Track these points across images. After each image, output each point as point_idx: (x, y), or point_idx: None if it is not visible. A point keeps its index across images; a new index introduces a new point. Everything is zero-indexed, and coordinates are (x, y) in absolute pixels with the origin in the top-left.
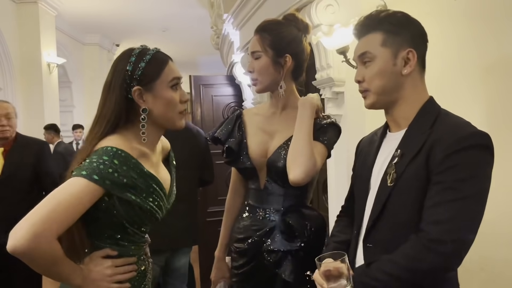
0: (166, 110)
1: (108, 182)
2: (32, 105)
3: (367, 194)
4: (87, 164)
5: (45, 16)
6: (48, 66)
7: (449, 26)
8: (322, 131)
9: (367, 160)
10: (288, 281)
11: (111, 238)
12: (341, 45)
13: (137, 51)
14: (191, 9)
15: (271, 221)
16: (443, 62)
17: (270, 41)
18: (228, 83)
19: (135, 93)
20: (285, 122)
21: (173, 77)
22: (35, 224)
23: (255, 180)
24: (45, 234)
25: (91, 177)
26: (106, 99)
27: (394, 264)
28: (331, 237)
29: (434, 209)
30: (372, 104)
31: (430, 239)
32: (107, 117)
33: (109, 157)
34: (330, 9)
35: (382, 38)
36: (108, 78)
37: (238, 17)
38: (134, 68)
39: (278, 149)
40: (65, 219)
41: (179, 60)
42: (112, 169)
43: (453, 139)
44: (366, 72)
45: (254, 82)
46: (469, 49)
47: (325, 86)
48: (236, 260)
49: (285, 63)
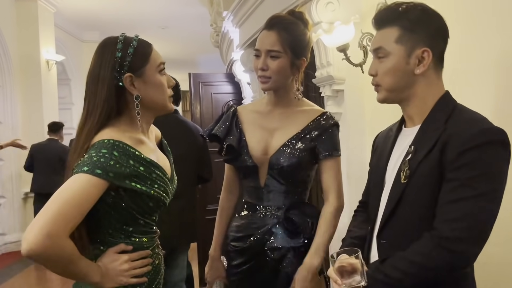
0: (157, 94)
1: (111, 174)
2: (31, 102)
3: (381, 190)
4: (87, 160)
5: (44, 13)
6: (47, 63)
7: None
8: (331, 139)
9: (382, 156)
10: (289, 277)
11: (124, 233)
12: (341, 43)
13: (122, 39)
14: (190, 6)
15: (273, 218)
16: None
17: (290, 42)
18: (227, 81)
19: (126, 80)
20: (285, 120)
21: (160, 62)
22: (46, 225)
23: (255, 178)
24: (57, 233)
25: (94, 171)
26: (97, 91)
27: (407, 261)
28: (348, 232)
29: (448, 206)
30: (383, 100)
31: (444, 237)
32: (99, 108)
33: (108, 150)
34: (330, 7)
35: (397, 34)
36: (94, 69)
37: (237, 14)
38: (123, 55)
39: (282, 147)
40: (74, 216)
41: (178, 58)
42: (113, 161)
43: (467, 135)
44: (379, 66)
45: (266, 80)
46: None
47: (325, 84)
48: (234, 259)
49: (301, 66)
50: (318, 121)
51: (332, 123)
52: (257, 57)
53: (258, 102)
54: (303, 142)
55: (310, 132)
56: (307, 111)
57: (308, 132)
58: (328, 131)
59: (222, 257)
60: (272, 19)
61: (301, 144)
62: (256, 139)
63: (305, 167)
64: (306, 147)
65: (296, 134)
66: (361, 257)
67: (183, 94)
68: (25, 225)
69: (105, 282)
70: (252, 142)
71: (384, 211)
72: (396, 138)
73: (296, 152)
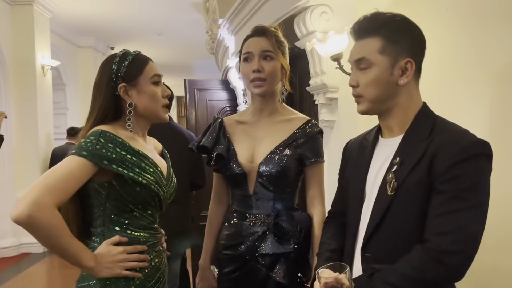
0: (150, 103)
1: (96, 156)
2: (26, 107)
3: (361, 202)
4: (77, 146)
5: (39, 18)
6: (42, 68)
7: (446, 30)
8: (316, 146)
9: (359, 167)
10: (280, 283)
11: (119, 225)
12: (335, 52)
13: (120, 54)
14: (186, 13)
15: (263, 225)
16: (442, 67)
17: (279, 46)
18: (222, 87)
19: (121, 90)
20: (271, 128)
21: (154, 74)
22: (33, 194)
23: (244, 186)
24: (44, 202)
25: (80, 153)
26: (96, 98)
27: (401, 276)
28: (322, 244)
29: (440, 219)
30: (365, 111)
31: (439, 250)
32: (95, 112)
33: (95, 136)
34: (324, 16)
35: (380, 45)
36: (96, 79)
37: (233, 22)
38: (119, 67)
39: (270, 154)
40: (60, 189)
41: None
42: (99, 146)
43: (457, 148)
44: (361, 77)
45: (261, 83)
46: (468, 53)
47: (319, 92)
48: (226, 267)
49: (287, 71)
50: (304, 128)
51: (317, 131)
52: (246, 61)
53: (243, 113)
54: (290, 148)
55: (297, 139)
56: (292, 119)
57: (295, 140)
58: (314, 139)
59: (212, 266)
60: (259, 28)
61: (289, 150)
62: (244, 148)
63: (293, 173)
64: (293, 154)
65: (283, 141)
66: (350, 273)
67: (179, 100)
68: (17, 230)
69: (99, 270)
70: (241, 150)
71: (369, 223)
72: (373, 148)
73: (284, 158)
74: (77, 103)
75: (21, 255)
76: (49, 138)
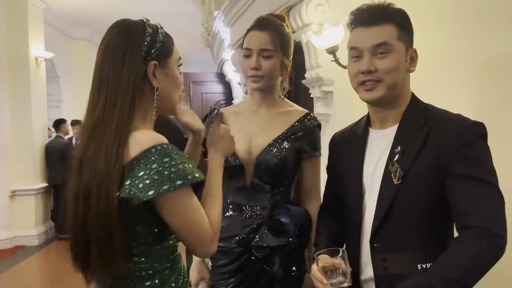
0: (173, 90)
1: (189, 177)
2: (19, 99)
3: (361, 193)
4: (158, 179)
5: (33, 9)
6: (36, 60)
7: (438, 26)
8: (314, 140)
9: (353, 159)
10: (275, 276)
11: (160, 238)
12: (330, 45)
13: (149, 23)
14: (181, 5)
15: (258, 218)
16: (433, 62)
17: (280, 43)
18: (218, 80)
19: (150, 68)
20: (270, 120)
21: (179, 57)
22: (210, 232)
23: (241, 178)
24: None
25: (175, 184)
26: (121, 77)
27: (462, 268)
28: (319, 235)
29: (478, 203)
30: (381, 97)
31: (493, 233)
32: (127, 95)
33: (169, 158)
34: (320, 9)
35: (397, 32)
36: (117, 52)
37: (229, 14)
38: (153, 40)
39: (268, 147)
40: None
41: None
42: (179, 162)
43: (461, 131)
44: (379, 62)
45: (258, 79)
46: (458, 49)
47: (314, 85)
48: (220, 259)
49: (289, 66)
50: (303, 122)
51: (316, 124)
52: (246, 57)
53: (241, 104)
54: (289, 141)
55: (295, 132)
56: (291, 111)
57: (293, 133)
58: (312, 132)
59: (206, 259)
60: (262, 20)
61: (287, 143)
62: (242, 140)
63: (290, 166)
64: (291, 147)
65: (281, 134)
66: (346, 257)
67: None
68: (11, 223)
69: (216, 152)
70: (238, 142)
71: (376, 214)
72: (365, 140)
73: (282, 151)
74: (71, 95)
75: (15, 248)
76: (44, 130)
